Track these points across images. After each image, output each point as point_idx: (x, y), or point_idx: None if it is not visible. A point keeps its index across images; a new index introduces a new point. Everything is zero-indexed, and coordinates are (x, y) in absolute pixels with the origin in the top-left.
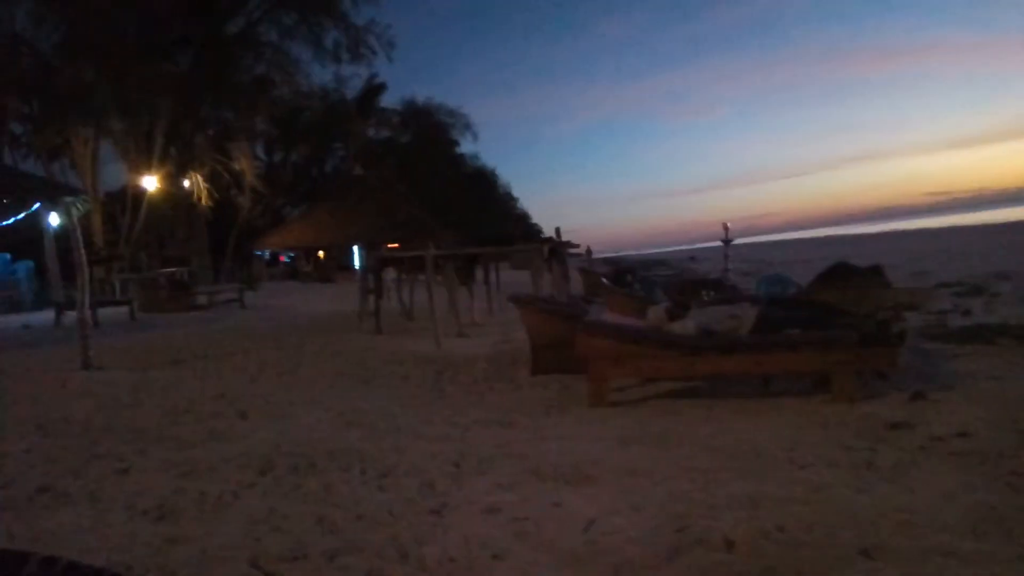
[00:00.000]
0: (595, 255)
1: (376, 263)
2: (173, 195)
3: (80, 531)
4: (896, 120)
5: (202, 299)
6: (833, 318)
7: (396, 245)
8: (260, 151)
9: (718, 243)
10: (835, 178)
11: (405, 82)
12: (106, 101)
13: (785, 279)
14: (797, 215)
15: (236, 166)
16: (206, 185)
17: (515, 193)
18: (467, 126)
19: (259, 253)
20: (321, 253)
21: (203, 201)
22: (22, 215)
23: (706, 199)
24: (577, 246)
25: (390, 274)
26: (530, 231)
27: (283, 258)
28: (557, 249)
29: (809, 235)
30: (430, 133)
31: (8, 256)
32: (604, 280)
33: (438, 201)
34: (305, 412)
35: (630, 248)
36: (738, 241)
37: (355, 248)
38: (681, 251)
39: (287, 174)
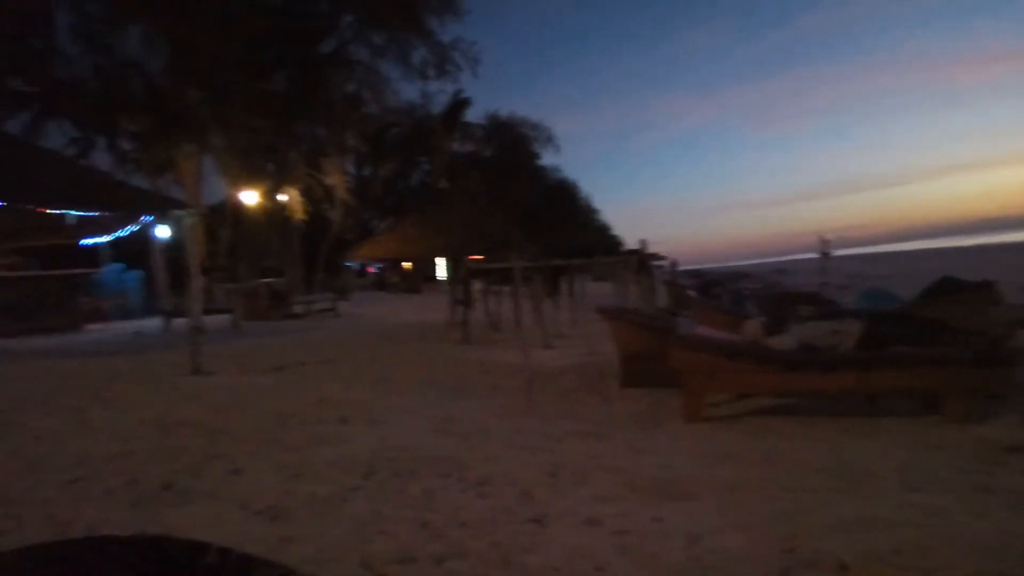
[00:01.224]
0: (679, 267)
1: (465, 274)
2: (269, 209)
3: (202, 528)
4: (999, 128)
5: (298, 308)
6: (942, 335)
7: (480, 257)
8: (351, 166)
9: (808, 255)
10: (933, 188)
11: (489, 96)
12: (208, 120)
13: (887, 293)
14: (892, 227)
15: (328, 181)
16: (300, 199)
17: (595, 205)
18: (549, 139)
19: (349, 264)
20: (407, 264)
21: (297, 215)
22: (135, 227)
23: (794, 211)
24: (664, 258)
25: (476, 285)
26: (611, 243)
27: (371, 269)
28: (645, 261)
29: (906, 248)
30: (513, 146)
31: (121, 266)
32: (691, 293)
33: (520, 213)
34: (401, 419)
35: (713, 261)
36: (832, 254)
37: (440, 260)
38: (767, 264)
39: (376, 188)
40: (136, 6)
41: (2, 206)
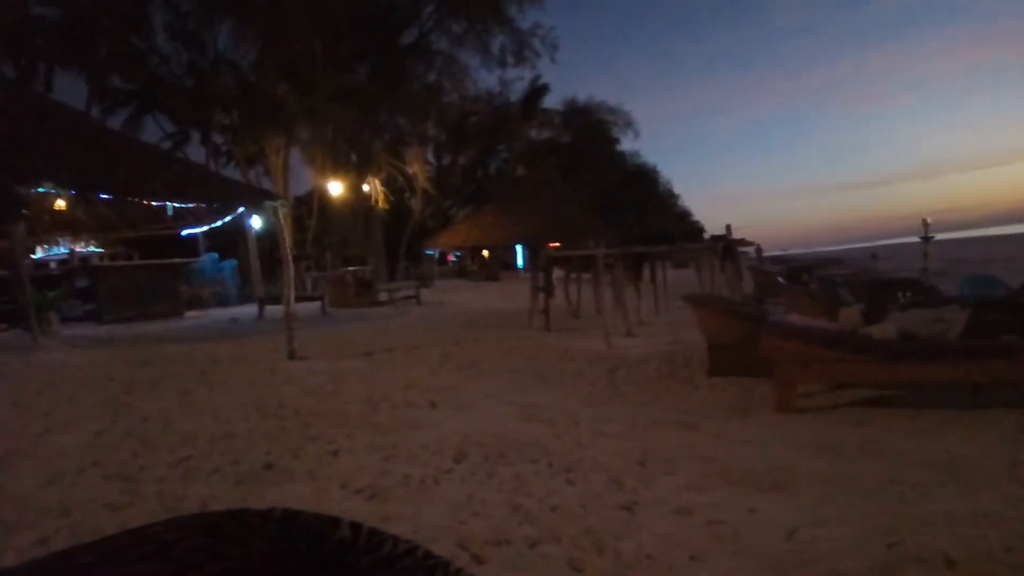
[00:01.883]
0: (764, 253)
1: (546, 262)
2: (352, 199)
3: (304, 506)
4: None
5: (383, 296)
6: None
7: (558, 244)
8: (431, 155)
9: (902, 240)
10: None
11: (567, 81)
12: (296, 112)
13: (991, 279)
14: (992, 209)
15: (409, 170)
16: (382, 189)
17: (676, 190)
18: (628, 124)
19: (429, 252)
20: (486, 252)
21: (379, 204)
22: (229, 218)
23: (886, 193)
24: (750, 244)
25: (556, 272)
26: (692, 229)
27: (451, 257)
28: (731, 247)
29: (1007, 231)
30: (591, 132)
31: (216, 255)
32: (780, 279)
33: (599, 200)
34: (488, 405)
35: (798, 246)
36: (933, 237)
37: (518, 247)
38: (858, 248)
39: (455, 177)
40: (227, 4)
41: (108, 199)
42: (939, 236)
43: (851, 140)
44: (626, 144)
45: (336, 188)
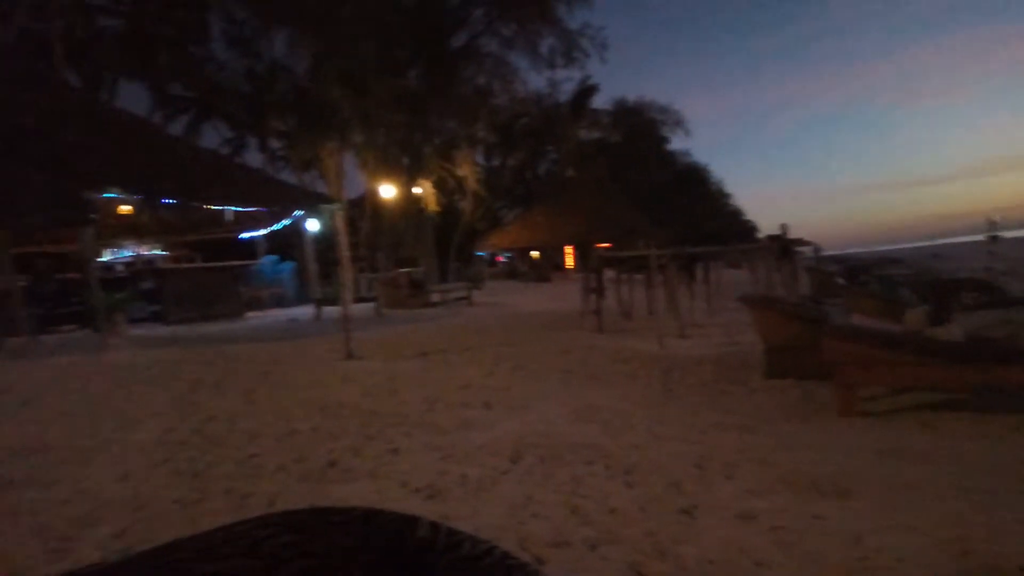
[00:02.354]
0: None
1: (598, 263)
2: (404, 201)
3: (368, 503)
4: None
5: (435, 297)
6: None
7: (608, 245)
8: (481, 157)
9: (965, 238)
10: None
11: (617, 81)
12: (350, 117)
13: None
14: None
15: (459, 172)
16: (433, 191)
17: (727, 189)
18: (678, 123)
19: (480, 254)
20: (535, 253)
21: (431, 206)
22: (287, 221)
23: (949, 191)
24: (808, 243)
25: (608, 273)
26: (744, 228)
27: (500, 258)
28: (788, 247)
29: None
30: (641, 131)
31: (275, 257)
32: (838, 280)
33: (649, 200)
34: (542, 406)
35: (856, 245)
36: (1000, 235)
37: (568, 248)
38: (920, 248)
39: (505, 178)
40: (283, 11)
41: (172, 203)
42: (1011, 234)
43: (909, 136)
44: (676, 143)
45: (388, 191)
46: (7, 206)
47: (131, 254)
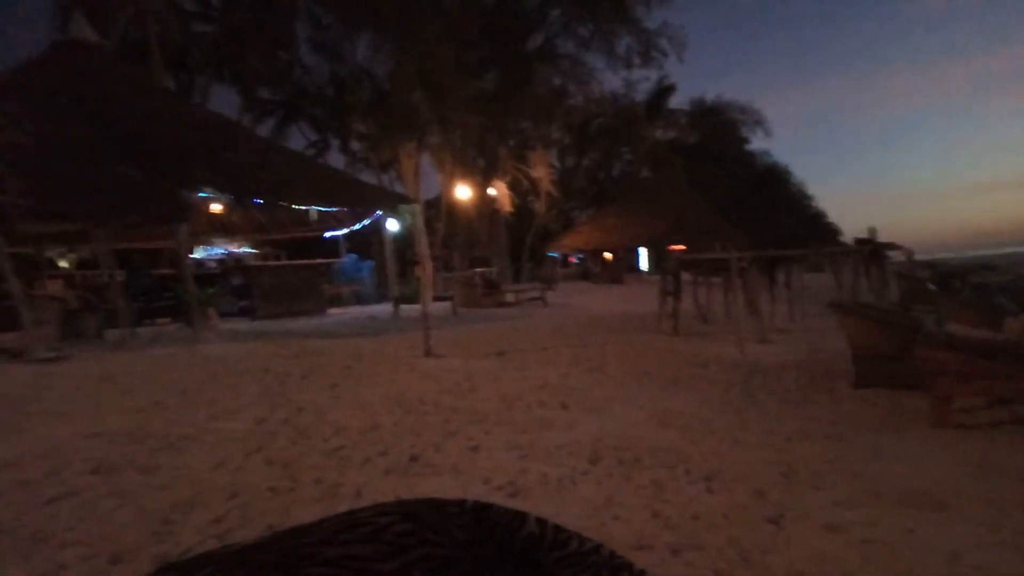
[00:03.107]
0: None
1: (675, 265)
2: (479, 202)
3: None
4: None
5: (509, 297)
6: None
7: (683, 247)
8: (555, 158)
9: None
10: None
11: (695, 80)
12: (428, 119)
13: None
14: None
15: (534, 173)
16: (507, 192)
17: (809, 190)
18: (758, 122)
19: (552, 255)
20: (608, 255)
21: (504, 207)
22: (367, 220)
23: None
24: (898, 247)
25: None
26: (826, 231)
27: (572, 259)
28: (878, 251)
29: None
30: (719, 131)
31: (356, 256)
32: (930, 286)
33: (726, 201)
34: (619, 408)
35: (947, 249)
36: None
37: (641, 250)
38: (1016, 253)
39: (579, 179)
40: (365, 16)
41: (260, 203)
42: None
43: (1004, 136)
44: (756, 143)
45: (463, 192)
46: (111, 204)
47: (222, 251)
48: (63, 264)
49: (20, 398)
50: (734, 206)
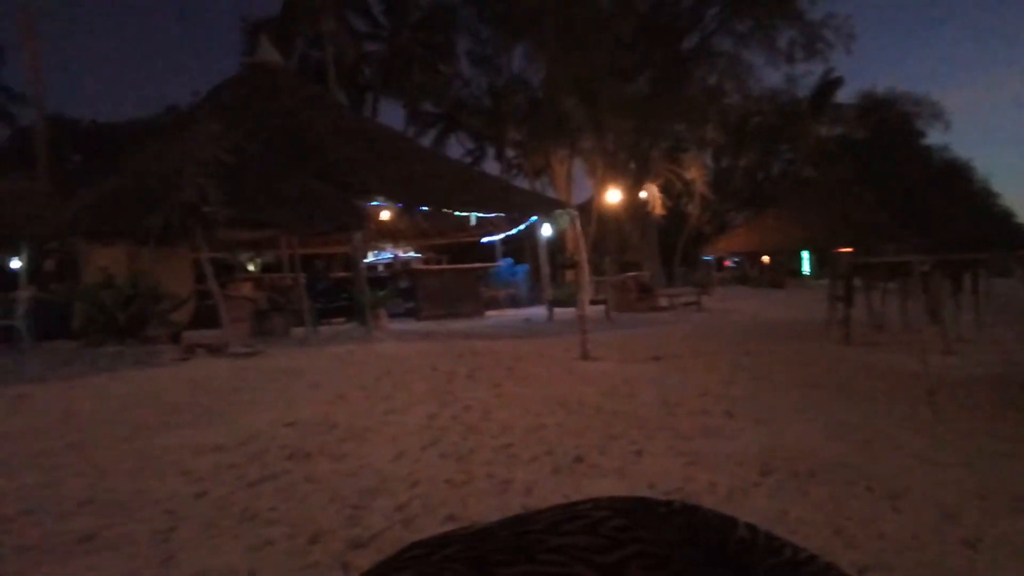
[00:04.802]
0: None
1: (846, 269)
2: (629, 205)
3: None
4: None
5: (664, 301)
6: None
7: (850, 249)
8: (709, 159)
9: None
10: None
11: (864, 72)
12: (580, 124)
13: None
14: None
15: (687, 175)
16: (659, 194)
17: (995, 188)
18: (936, 115)
19: (706, 258)
20: (766, 258)
21: (657, 210)
22: (523, 226)
23: None
24: None
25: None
26: (1015, 232)
27: (727, 263)
28: None
29: None
30: (891, 126)
31: (511, 260)
32: None
33: (898, 200)
34: (788, 419)
35: None
36: None
37: (804, 253)
38: None
39: (735, 180)
40: (521, 26)
41: (425, 211)
42: None
43: None
44: (933, 137)
45: (614, 195)
46: (301, 213)
47: (390, 256)
48: (251, 268)
49: (223, 389)
50: (908, 205)
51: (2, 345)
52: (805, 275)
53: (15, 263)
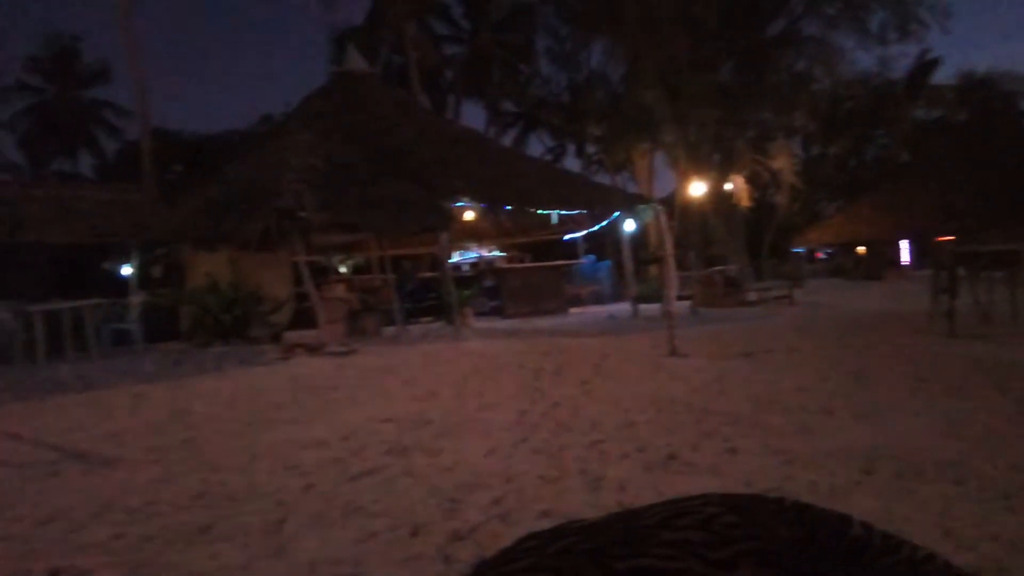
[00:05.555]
0: None
1: (950, 259)
2: (714, 197)
3: None
4: None
5: (752, 296)
6: None
7: (952, 238)
8: (798, 147)
9: None
10: None
11: (963, 52)
12: (661, 117)
13: None
14: None
15: (774, 165)
16: (745, 186)
17: None
18: None
19: (797, 250)
20: (861, 249)
21: (742, 202)
22: (606, 222)
23: None
24: None
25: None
26: None
27: (819, 255)
28: None
29: None
30: (993, 106)
31: (594, 256)
32: None
33: (1004, 185)
34: (892, 416)
35: None
36: None
37: (903, 242)
38: None
39: (825, 168)
40: (600, 21)
41: (509, 210)
42: None
43: None
44: None
45: (698, 188)
46: (391, 216)
47: (475, 255)
48: (342, 270)
49: (322, 387)
50: (1012, 190)
51: (118, 347)
52: (904, 265)
53: (126, 270)
